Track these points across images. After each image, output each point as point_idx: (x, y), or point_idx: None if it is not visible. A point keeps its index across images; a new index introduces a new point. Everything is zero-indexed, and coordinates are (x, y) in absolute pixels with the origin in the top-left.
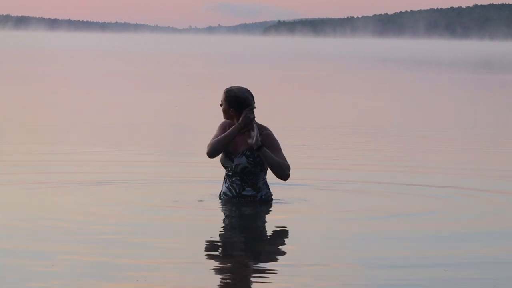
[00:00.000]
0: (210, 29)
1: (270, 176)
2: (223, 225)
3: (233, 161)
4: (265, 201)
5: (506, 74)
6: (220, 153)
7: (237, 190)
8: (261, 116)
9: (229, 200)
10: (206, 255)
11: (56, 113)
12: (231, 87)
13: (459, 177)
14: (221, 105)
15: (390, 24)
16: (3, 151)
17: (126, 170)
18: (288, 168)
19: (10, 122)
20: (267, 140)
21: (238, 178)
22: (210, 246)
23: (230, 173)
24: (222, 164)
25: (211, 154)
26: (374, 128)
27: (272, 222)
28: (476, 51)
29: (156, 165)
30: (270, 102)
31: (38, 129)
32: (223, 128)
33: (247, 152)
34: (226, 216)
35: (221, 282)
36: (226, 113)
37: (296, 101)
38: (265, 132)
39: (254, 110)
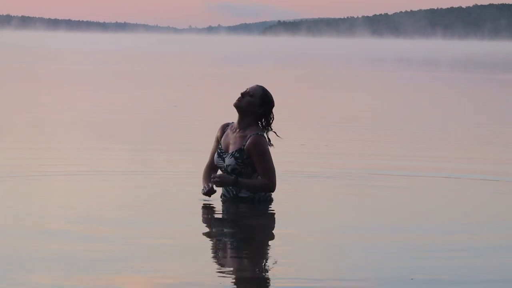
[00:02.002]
0: (210, 29)
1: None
2: (221, 224)
3: (224, 161)
4: (263, 201)
5: (506, 74)
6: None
7: (234, 192)
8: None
9: (227, 200)
10: (204, 255)
11: (54, 110)
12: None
13: (457, 170)
14: (250, 95)
15: (390, 24)
16: None
17: (122, 167)
18: (269, 187)
19: (8, 120)
20: (252, 147)
21: None
22: (208, 245)
23: (225, 174)
24: (216, 164)
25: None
26: (374, 128)
27: (271, 222)
28: (476, 51)
29: (154, 163)
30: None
31: (38, 127)
32: (217, 140)
33: (236, 154)
34: (223, 216)
35: (219, 281)
36: (250, 105)
37: (295, 101)
38: (253, 136)
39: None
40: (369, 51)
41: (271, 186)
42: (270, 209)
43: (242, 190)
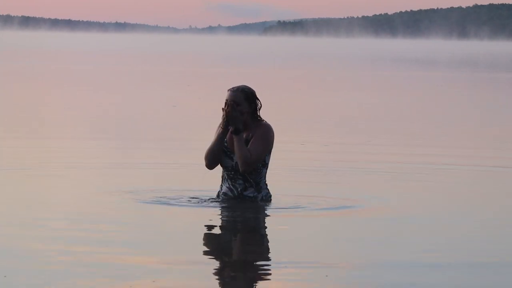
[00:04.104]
0: (210, 29)
1: (269, 177)
2: (222, 225)
3: (233, 160)
4: (265, 201)
5: (505, 74)
6: (217, 161)
7: (239, 190)
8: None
9: (228, 200)
10: (204, 255)
11: (52, 110)
12: (236, 86)
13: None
14: (237, 104)
15: (390, 24)
16: None
17: (124, 167)
18: (247, 160)
19: (7, 118)
20: (259, 129)
21: (240, 177)
22: (208, 246)
23: (232, 173)
24: (223, 165)
25: (208, 165)
26: (373, 128)
27: (271, 222)
28: (476, 51)
29: (153, 164)
30: (270, 102)
31: (38, 126)
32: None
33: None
34: (225, 216)
35: (218, 283)
36: (241, 114)
37: (295, 101)
38: (263, 122)
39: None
40: (369, 51)
41: (249, 162)
42: (271, 208)
43: (249, 189)
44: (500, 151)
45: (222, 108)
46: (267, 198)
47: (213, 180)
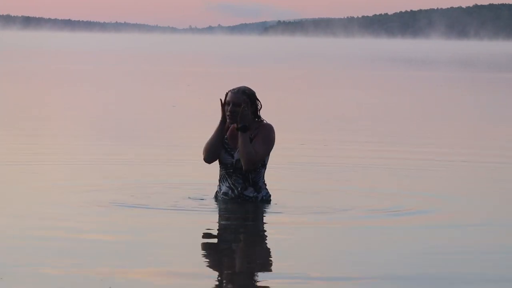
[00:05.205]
0: (210, 29)
1: (268, 176)
2: (223, 225)
3: (233, 157)
4: (265, 202)
5: (505, 74)
6: (216, 155)
7: (239, 189)
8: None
9: (228, 200)
10: (203, 256)
11: (54, 108)
12: (237, 88)
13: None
14: (237, 106)
15: (390, 24)
16: None
17: (124, 168)
18: (251, 162)
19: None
20: (262, 129)
21: (239, 176)
22: (208, 247)
23: (231, 170)
24: (221, 162)
25: (207, 158)
26: (372, 129)
27: (270, 223)
28: (475, 51)
29: (153, 164)
30: (270, 101)
31: (38, 125)
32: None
33: None
34: (226, 217)
35: (217, 285)
36: (247, 116)
37: (295, 100)
38: (265, 122)
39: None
40: (368, 51)
41: (254, 160)
42: (271, 209)
43: (248, 188)
44: (501, 149)
45: (220, 99)
46: (267, 198)
47: (212, 180)
